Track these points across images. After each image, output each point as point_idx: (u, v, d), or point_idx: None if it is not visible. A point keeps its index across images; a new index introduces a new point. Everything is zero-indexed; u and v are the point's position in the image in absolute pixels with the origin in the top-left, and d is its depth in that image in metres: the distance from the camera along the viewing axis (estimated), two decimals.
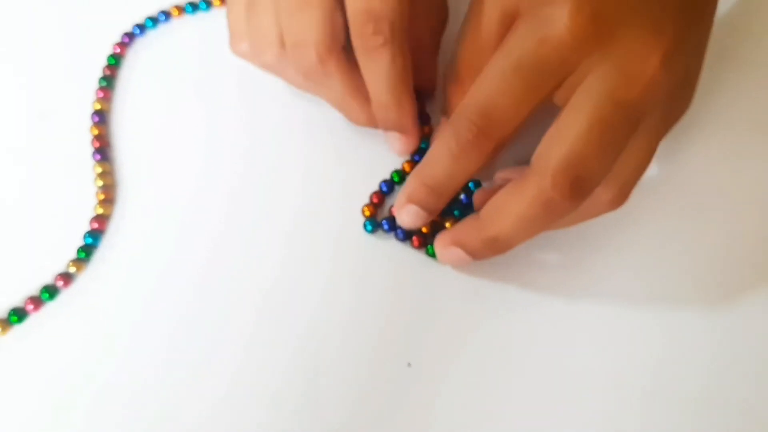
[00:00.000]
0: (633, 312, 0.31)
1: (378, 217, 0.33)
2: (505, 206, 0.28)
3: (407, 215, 0.31)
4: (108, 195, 0.34)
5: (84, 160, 0.35)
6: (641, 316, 0.31)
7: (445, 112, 0.33)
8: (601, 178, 0.27)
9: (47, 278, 0.33)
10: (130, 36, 0.39)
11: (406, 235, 0.32)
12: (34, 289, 0.32)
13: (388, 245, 0.33)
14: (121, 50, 0.39)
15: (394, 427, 0.29)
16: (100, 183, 0.35)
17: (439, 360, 0.30)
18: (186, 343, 0.31)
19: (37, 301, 0.32)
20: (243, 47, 0.33)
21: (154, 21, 0.40)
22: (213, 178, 0.35)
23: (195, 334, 0.31)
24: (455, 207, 0.33)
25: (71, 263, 0.33)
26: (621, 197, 0.28)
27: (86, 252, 0.33)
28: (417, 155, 0.35)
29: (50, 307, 0.32)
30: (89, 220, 0.34)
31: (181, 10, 0.40)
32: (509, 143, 0.28)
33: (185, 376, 0.31)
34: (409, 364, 0.30)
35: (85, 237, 0.33)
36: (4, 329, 0.32)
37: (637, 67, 0.26)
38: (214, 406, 0.30)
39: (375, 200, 0.34)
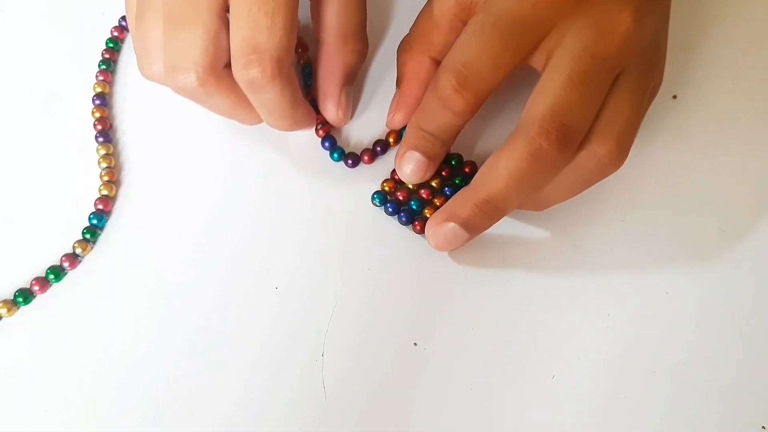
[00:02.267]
0: (637, 290, 0.32)
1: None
2: (496, 165, 0.29)
3: (408, 163, 0.31)
4: (112, 176, 0.35)
5: (87, 142, 0.35)
6: (645, 295, 0.32)
7: (399, 82, 0.34)
8: (584, 125, 0.28)
9: (54, 259, 0.33)
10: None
11: (409, 219, 0.33)
12: (40, 269, 0.33)
13: (394, 232, 0.33)
14: (119, 34, 0.39)
15: (401, 404, 0.30)
16: (104, 165, 0.35)
17: (445, 339, 0.31)
18: (192, 322, 0.32)
19: (43, 282, 0.32)
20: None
21: None
22: (216, 157, 0.35)
23: (201, 312, 0.32)
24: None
25: (77, 244, 0.33)
26: (618, 153, 0.28)
27: (92, 233, 0.33)
28: None
29: (57, 288, 0.33)
30: (94, 201, 0.34)
31: None
32: (490, 94, 0.29)
33: (192, 353, 0.31)
34: (415, 344, 0.31)
35: (90, 218, 0.34)
36: (11, 310, 0.32)
37: (611, 23, 0.28)
38: (223, 382, 0.31)
39: (395, 176, 0.34)
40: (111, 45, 0.38)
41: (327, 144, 0.35)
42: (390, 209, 0.33)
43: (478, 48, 0.28)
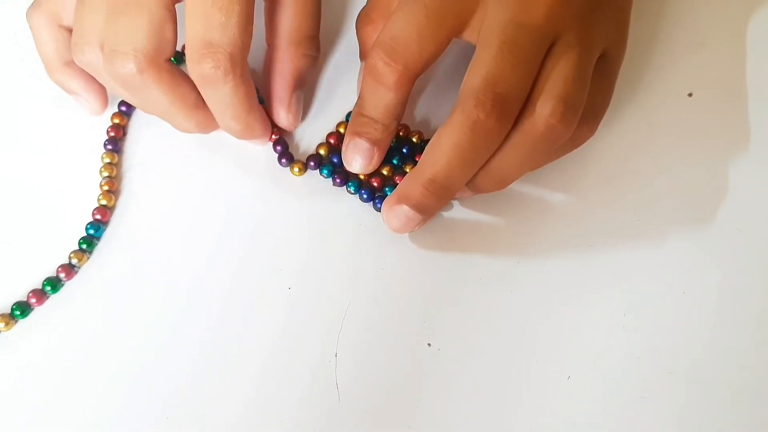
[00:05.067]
0: (653, 290, 0.32)
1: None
2: (438, 142, 0.29)
3: (354, 151, 0.31)
4: (112, 186, 0.34)
5: (95, 148, 0.34)
6: (662, 295, 0.32)
7: (362, 55, 0.34)
8: (520, 93, 0.28)
9: (50, 270, 0.32)
10: None
11: (371, 196, 0.33)
12: (37, 281, 0.31)
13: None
14: None
15: (415, 404, 0.30)
16: (105, 174, 0.34)
17: (459, 340, 0.31)
18: (203, 323, 0.31)
19: (40, 294, 0.31)
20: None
21: None
22: (221, 164, 0.34)
23: (211, 314, 0.31)
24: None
25: (73, 254, 0.32)
26: (564, 109, 0.28)
27: (88, 243, 0.32)
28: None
29: (54, 299, 0.32)
30: (92, 210, 0.33)
31: None
32: (422, 69, 0.29)
33: (203, 355, 0.30)
34: (429, 344, 0.31)
35: (87, 228, 0.33)
36: (9, 324, 0.31)
37: None
38: (236, 384, 0.30)
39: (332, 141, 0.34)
40: None
41: (278, 148, 0.34)
42: (365, 196, 0.33)
43: (404, 22, 0.29)
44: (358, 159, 0.31)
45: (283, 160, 0.34)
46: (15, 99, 0.36)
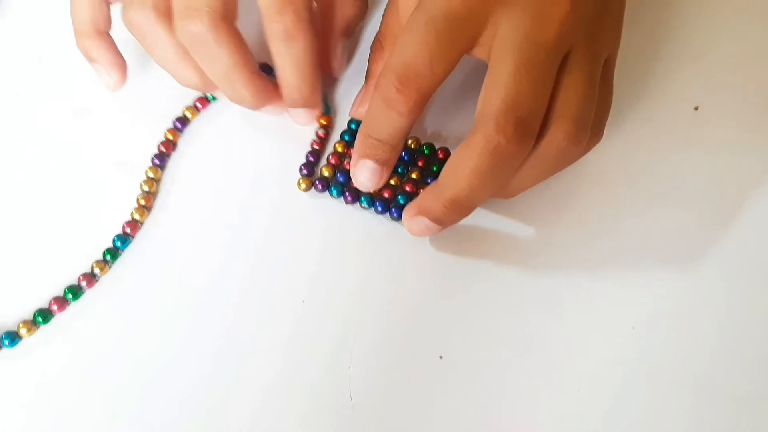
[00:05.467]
0: (662, 298, 0.33)
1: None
2: (458, 165, 0.29)
3: (362, 172, 0.32)
4: (148, 202, 0.34)
5: (141, 162, 0.35)
6: (670, 305, 0.33)
7: (368, 77, 0.35)
8: (539, 114, 0.29)
9: (72, 278, 0.32)
10: None
11: (400, 214, 0.33)
12: (59, 288, 0.32)
13: (418, 244, 0.34)
14: None
15: (428, 415, 0.30)
16: (145, 188, 0.34)
17: (470, 352, 0.31)
18: (205, 343, 0.32)
19: (61, 302, 0.32)
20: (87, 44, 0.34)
21: None
22: (243, 199, 0.35)
23: (214, 336, 0.32)
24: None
25: (95, 264, 0.33)
26: (576, 132, 0.29)
27: (112, 254, 0.33)
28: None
29: (75, 306, 0.32)
30: (123, 223, 0.34)
31: None
32: (434, 91, 0.30)
33: (216, 367, 0.31)
34: (441, 357, 0.31)
35: (114, 239, 0.33)
36: (31, 330, 0.31)
37: (547, 7, 0.29)
38: (250, 396, 0.31)
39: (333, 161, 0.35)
40: None
41: (311, 158, 0.35)
42: (379, 208, 0.34)
43: (414, 46, 0.29)
44: (367, 179, 0.32)
45: (305, 171, 0.35)
46: (71, 102, 0.36)
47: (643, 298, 0.33)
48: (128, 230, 0.34)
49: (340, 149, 0.35)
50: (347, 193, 0.34)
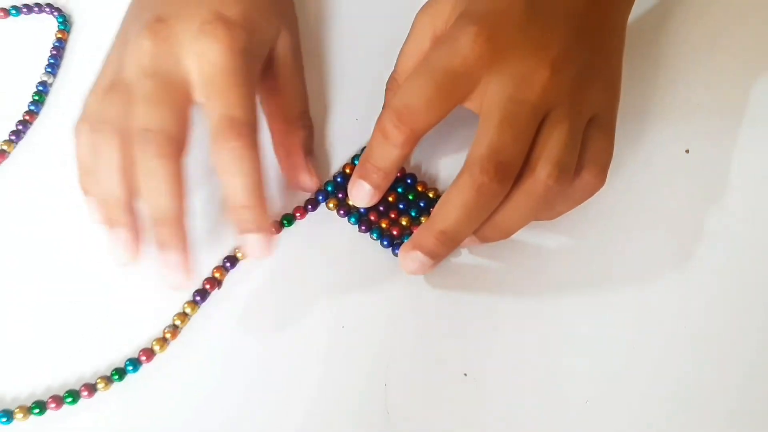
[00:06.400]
0: (660, 323, 0.37)
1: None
2: (448, 200, 0.34)
3: (358, 191, 0.36)
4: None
5: None
6: (668, 328, 0.37)
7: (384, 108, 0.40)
8: (518, 159, 0.33)
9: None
10: None
11: (390, 242, 0.38)
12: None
13: (443, 270, 0.38)
14: None
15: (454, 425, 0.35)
16: None
17: (494, 369, 0.36)
18: (255, 369, 0.36)
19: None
20: (82, 128, 0.36)
21: None
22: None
23: (265, 360, 0.36)
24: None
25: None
26: (558, 173, 0.33)
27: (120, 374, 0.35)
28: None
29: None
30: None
31: None
32: (426, 132, 0.34)
33: (254, 395, 0.35)
34: (465, 374, 0.36)
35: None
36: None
37: (531, 75, 0.33)
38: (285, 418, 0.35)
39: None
40: None
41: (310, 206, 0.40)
42: (385, 243, 0.38)
43: (415, 91, 0.34)
44: (361, 198, 0.37)
45: (309, 207, 0.40)
46: None
47: (638, 323, 0.37)
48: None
49: (348, 171, 0.40)
50: (362, 224, 0.39)
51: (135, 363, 0.35)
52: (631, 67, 0.38)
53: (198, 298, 0.37)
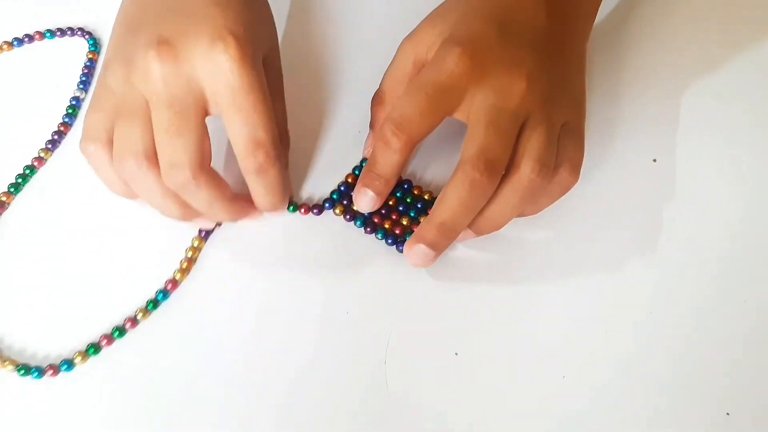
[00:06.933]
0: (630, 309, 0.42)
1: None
2: (445, 196, 0.38)
3: (363, 197, 0.41)
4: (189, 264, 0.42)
5: None
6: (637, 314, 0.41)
7: (372, 125, 0.44)
8: (504, 157, 0.37)
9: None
10: None
11: (394, 241, 0.42)
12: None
13: (438, 268, 0.41)
14: None
15: (444, 407, 0.39)
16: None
17: (481, 348, 0.40)
18: (269, 353, 0.40)
19: (109, 338, 0.40)
20: (91, 148, 0.38)
21: None
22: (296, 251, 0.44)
23: (278, 341, 0.40)
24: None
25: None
26: (540, 167, 0.37)
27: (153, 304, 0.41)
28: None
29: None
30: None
31: None
32: (421, 139, 0.39)
33: (271, 375, 0.40)
34: (456, 353, 0.40)
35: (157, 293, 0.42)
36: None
37: (510, 86, 0.38)
38: (306, 389, 0.39)
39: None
40: None
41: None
42: (389, 241, 0.42)
43: (410, 103, 0.38)
44: (366, 203, 0.41)
45: (315, 210, 0.43)
46: None
47: (609, 308, 0.41)
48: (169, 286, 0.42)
49: (350, 180, 0.44)
50: (368, 226, 0.43)
51: (164, 293, 0.41)
52: (603, 84, 0.44)
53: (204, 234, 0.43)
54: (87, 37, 0.50)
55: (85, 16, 0.51)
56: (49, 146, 0.46)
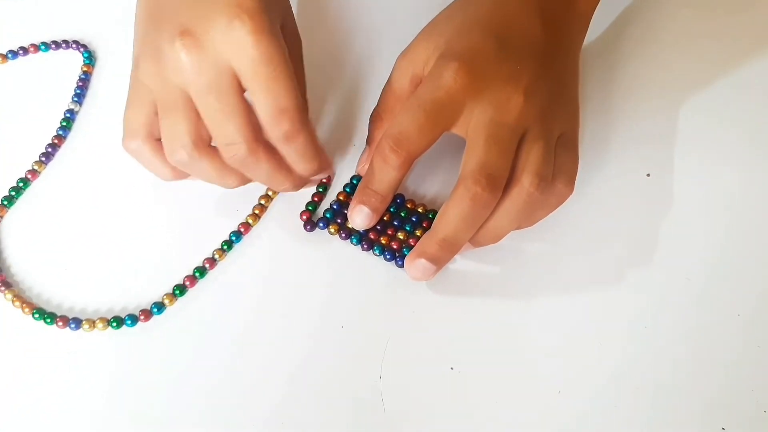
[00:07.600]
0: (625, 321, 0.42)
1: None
2: (447, 211, 0.38)
3: (358, 215, 0.41)
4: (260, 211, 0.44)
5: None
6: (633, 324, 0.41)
7: (369, 141, 0.44)
8: (504, 172, 0.38)
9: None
10: None
11: (393, 256, 0.42)
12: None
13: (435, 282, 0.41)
14: None
15: (443, 413, 0.39)
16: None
17: (477, 363, 0.40)
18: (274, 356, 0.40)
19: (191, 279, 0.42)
20: (134, 144, 0.39)
21: None
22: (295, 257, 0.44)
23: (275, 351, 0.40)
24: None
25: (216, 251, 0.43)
26: (539, 181, 0.38)
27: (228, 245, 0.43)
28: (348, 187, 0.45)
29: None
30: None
31: None
32: (419, 155, 0.39)
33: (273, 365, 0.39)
34: (451, 368, 0.40)
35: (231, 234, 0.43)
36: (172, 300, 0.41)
37: (507, 101, 0.38)
38: (300, 401, 0.39)
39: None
40: None
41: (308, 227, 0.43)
42: (388, 256, 0.42)
43: (409, 119, 0.38)
44: (362, 220, 0.41)
45: (308, 227, 0.43)
46: None
47: (605, 320, 0.41)
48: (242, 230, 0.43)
49: (342, 198, 0.44)
50: (364, 243, 0.42)
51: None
52: (597, 101, 0.44)
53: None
54: (82, 49, 0.50)
55: (79, 29, 0.51)
56: (43, 159, 0.46)
